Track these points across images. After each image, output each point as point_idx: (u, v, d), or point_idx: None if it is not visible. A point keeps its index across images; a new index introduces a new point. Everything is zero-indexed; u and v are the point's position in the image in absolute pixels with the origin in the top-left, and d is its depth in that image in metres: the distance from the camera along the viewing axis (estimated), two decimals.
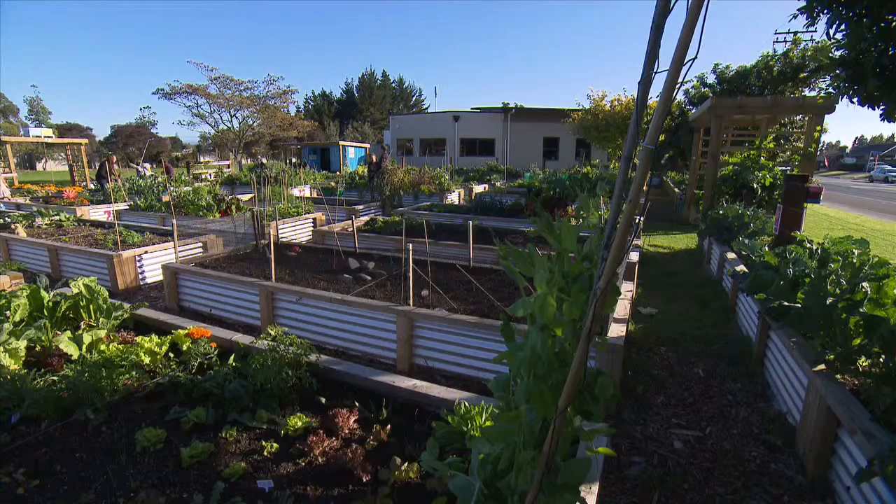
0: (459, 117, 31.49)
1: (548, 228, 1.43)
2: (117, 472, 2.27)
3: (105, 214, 10.61)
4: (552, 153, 31.35)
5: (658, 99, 0.91)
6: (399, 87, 59.11)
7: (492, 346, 3.58)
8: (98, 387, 2.80)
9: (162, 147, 45.05)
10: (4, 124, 46.96)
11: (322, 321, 4.19)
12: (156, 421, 2.66)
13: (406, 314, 3.70)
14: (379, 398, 2.80)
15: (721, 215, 6.71)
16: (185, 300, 5.28)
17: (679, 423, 3.17)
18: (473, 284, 4.43)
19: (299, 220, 9.05)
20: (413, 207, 10.25)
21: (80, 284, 3.87)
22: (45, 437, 2.52)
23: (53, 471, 2.29)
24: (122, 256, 6.09)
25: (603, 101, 19.50)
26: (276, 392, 2.75)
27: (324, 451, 2.35)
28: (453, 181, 14.13)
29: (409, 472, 2.19)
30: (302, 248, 6.31)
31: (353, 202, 11.30)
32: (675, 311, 5.29)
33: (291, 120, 35.28)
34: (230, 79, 30.38)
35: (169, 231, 7.52)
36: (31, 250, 7.12)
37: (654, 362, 4.05)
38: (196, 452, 2.32)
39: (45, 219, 8.54)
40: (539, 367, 1.07)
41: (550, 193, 10.11)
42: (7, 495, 2.13)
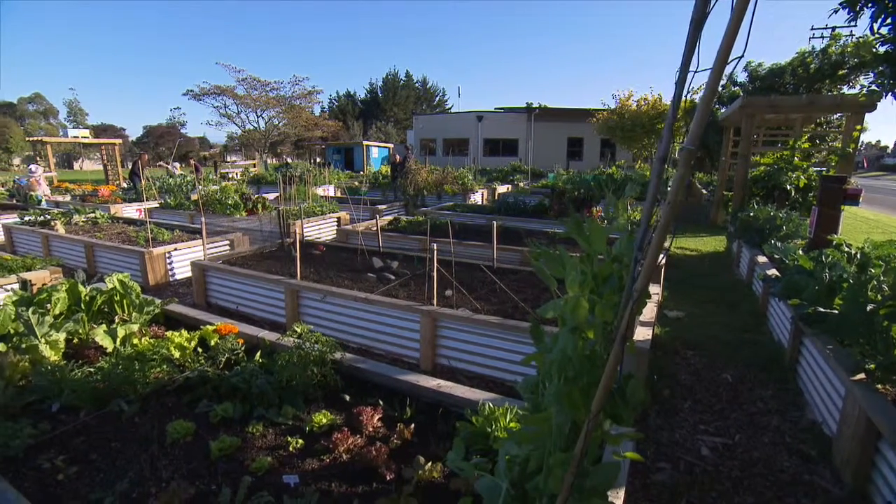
0: (483, 117, 31.43)
1: (577, 229, 1.42)
2: (150, 462, 2.34)
3: (137, 212, 10.91)
4: (576, 153, 31.04)
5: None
6: (422, 87, 59.33)
7: (515, 348, 3.56)
8: (131, 379, 2.89)
9: (190, 147, 46.20)
10: (45, 125, 48.81)
11: (346, 319, 4.23)
12: (185, 414, 2.72)
13: (430, 314, 3.71)
14: (402, 397, 2.81)
15: (752, 217, 6.53)
16: (212, 297, 5.39)
17: (707, 430, 3.09)
18: (497, 285, 4.41)
19: (324, 219, 9.15)
20: (436, 207, 10.27)
21: (114, 280, 3.99)
22: (83, 427, 2.61)
23: (90, 459, 2.37)
24: (152, 253, 6.25)
25: (629, 101, 19.20)
26: (302, 389, 2.79)
27: (348, 448, 2.37)
28: (476, 181, 14.11)
29: (433, 472, 2.19)
30: (326, 246, 6.38)
31: (377, 202, 11.38)
32: (702, 314, 5.17)
33: (316, 120, 35.76)
34: (257, 80, 30.99)
35: (197, 229, 7.69)
36: (69, 246, 7.36)
37: (681, 366, 3.96)
38: (224, 446, 2.37)
39: (82, 216, 8.83)
40: (570, 370, 1.06)
41: (575, 194, 10.00)
42: (49, 480, 2.22)
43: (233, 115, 32.97)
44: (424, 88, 59.52)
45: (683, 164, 0.81)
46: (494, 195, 14.11)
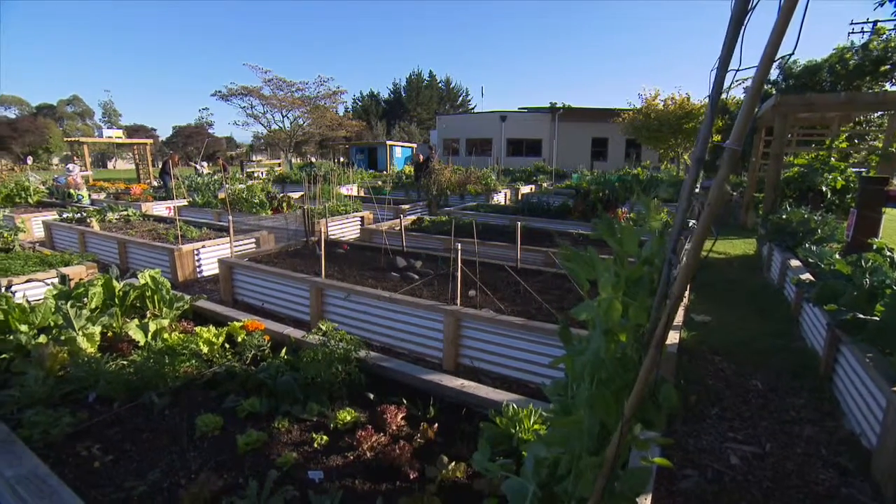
0: (506, 117, 31.30)
1: (609, 231, 1.40)
2: (180, 454, 2.39)
3: (166, 210, 11.20)
4: (601, 154, 30.65)
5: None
6: (446, 87, 59.41)
7: (539, 349, 3.53)
8: (162, 373, 2.96)
9: (218, 146, 47.24)
10: (82, 126, 50.56)
11: (369, 318, 4.26)
12: (213, 408, 2.78)
13: (453, 314, 3.71)
14: (425, 396, 2.81)
15: (784, 220, 6.34)
16: (238, 293, 5.49)
17: (735, 438, 3.01)
18: (521, 286, 4.38)
19: (347, 218, 9.24)
20: (459, 207, 10.27)
21: (146, 276, 4.10)
22: (117, 417, 2.69)
23: (124, 448, 2.44)
24: (181, 250, 6.41)
25: (656, 101, 18.84)
26: (326, 386, 2.82)
27: (372, 446, 2.38)
28: (499, 181, 14.06)
29: (457, 472, 2.19)
30: (350, 245, 6.44)
31: (400, 201, 11.43)
32: (730, 319, 5.05)
33: (340, 120, 36.14)
34: (283, 80, 31.47)
35: (224, 227, 7.85)
36: (103, 242, 7.60)
37: (708, 372, 3.87)
38: (251, 440, 2.41)
39: (115, 214, 9.11)
40: (603, 372, 1.04)
41: (599, 195, 9.87)
42: (86, 467, 2.29)
43: (259, 116, 33.58)
44: (448, 88, 59.58)
45: (726, 165, 0.79)
46: (518, 195, 14.03)
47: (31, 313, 3.51)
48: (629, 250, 1.36)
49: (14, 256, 5.75)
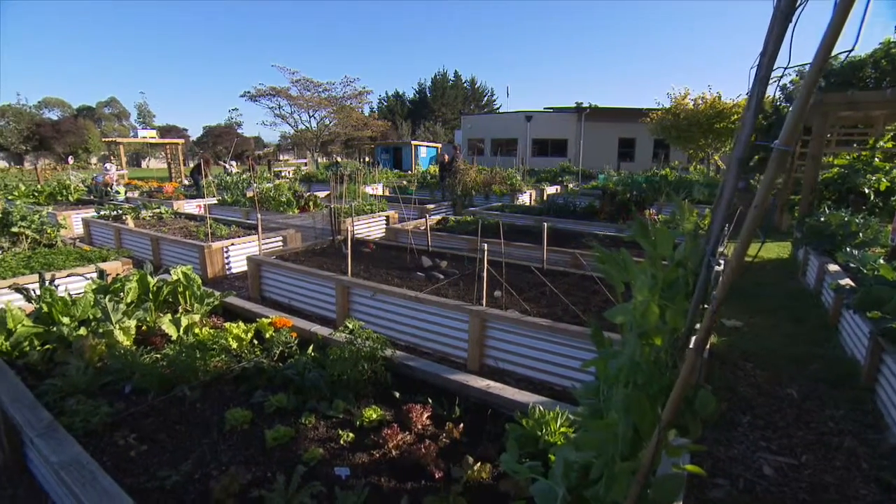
0: (532, 117, 31.07)
1: (643, 232, 1.37)
2: (210, 447, 2.45)
3: (197, 208, 11.48)
4: (628, 154, 30.17)
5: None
6: (471, 87, 59.33)
7: (565, 352, 3.49)
8: (193, 367, 3.03)
9: (246, 146, 48.16)
10: (118, 127, 52.33)
11: (395, 317, 4.28)
12: (242, 402, 2.83)
13: (479, 314, 3.70)
14: (450, 396, 2.81)
15: (822, 223, 6.12)
16: (266, 290, 5.59)
17: (769, 448, 2.92)
18: (547, 287, 4.34)
19: (373, 217, 9.32)
20: (484, 208, 10.24)
21: (178, 272, 4.20)
22: (151, 408, 2.76)
23: (158, 439, 2.50)
24: (211, 247, 6.56)
25: (685, 100, 18.41)
26: (352, 384, 2.84)
27: (397, 444, 2.39)
28: (524, 182, 13.97)
29: (482, 473, 2.18)
30: (376, 244, 6.49)
31: (425, 201, 11.47)
32: (763, 325, 4.90)
33: (366, 120, 36.46)
34: (310, 81, 31.92)
35: (252, 225, 8.01)
36: (138, 239, 7.85)
37: (739, 379, 3.77)
38: (278, 435, 2.45)
39: (149, 211, 9.40)
40: (639, 376, 1.02)
41: (626, 196, 9.70)
42: (123, 456, 2.37)
43: (286, 116, 34.13)
44: (473, 88, 59.49)
45: (773, 167, 0.76)
46: (543, 196, 13.92)
47: (72, 306, 3.64)
48: (663, 252, 1.33)
49: (56, 252, 5.99)
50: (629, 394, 1.00)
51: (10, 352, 3.28)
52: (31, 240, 6.38)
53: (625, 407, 1.01)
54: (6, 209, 6.55)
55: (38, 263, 5.41)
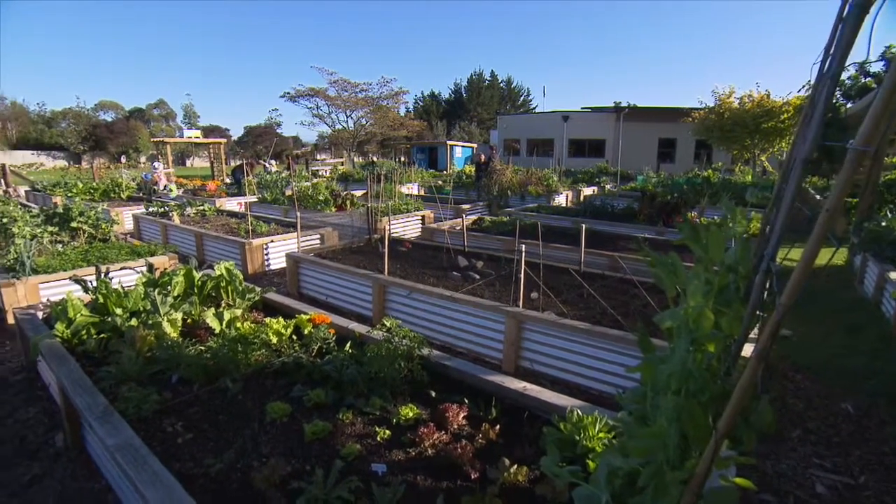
0: (569, 117, 30.63)
1: (693, 236, 1.33)
2: (251, 438, 2.51)
3: (238, 206, 11.84)
4: (668, 155, 29.33)
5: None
6: (507, 87, 59.00)
7: (603, 356, 3.42)
8: (235, 360, 3.13)
9: (285, 145, 49.30)
10: (166, 127, 54.61)
11: (430, 316, 4.30)
12: (281, 396, 2.90)
13: (515, 315, 3.67)
14: (486, 397, 2.80)
15: (883, 227, 5.78)
16: (304, 287, 5.71)
17: (822, 465, 2.78)
18: (584, 290, 4.27)
19: (409, 216, 9.39)
20: (520, 208, 10.16)
21: (221, 267, 4.34)
22: (196, 398, 2.87)
23: (202, 428, 2.59)
24: (252, 244, 6.75)
25: (731, 99, 17.70)
26: (389, 381, 2.86)
27: (433, 443, 2.40)
28: (561, 183, 13.78)
29: (518, 475, 2.16)
30: (412, 243, 6.53)
31: (460, 201, 11.48)
32: (815, 335, 4.66)
33: (402, 120, 36.82)
34: (347, 81, 32.47)
35: (290, 222, 8.20)
36: (182, 235, 8.16)
37: (788, 390, 3.60)
38: (317, 430, 2.49)
39: (193, 208, 9.76)
40: (691, 384, 0.99)
41: (667, 198, 9.43)
42: (172, 443, 2.47)
43: (324, 116, 34.84)
44: (509, 88, 59.13)
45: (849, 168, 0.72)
46: (579, 197, 13.70)
47: (124, 298, 3.82)
48: (715, 257, 1.28)
49: (110, 246, 6.29)
50: (681, 401, 0.97)
51: (70, 339, 3.46)
52: (87, 234, 6.72)
53: (676, 415, 0.97)
54: (66, 205, 6.93)
55: (93, 257, 5.70)
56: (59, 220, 6.68)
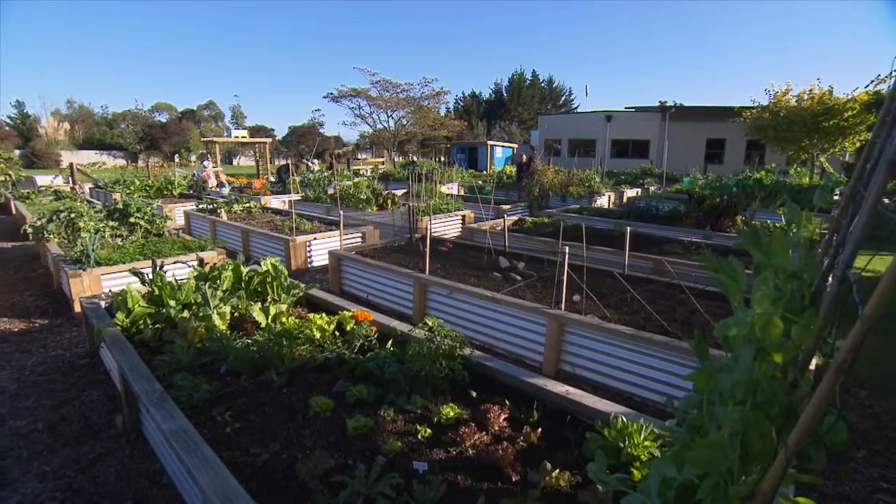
0: (612, 117, 29.95)
1: (755, 240, 1.26)
2: (295, 430, 2.58)
3: (282, 203, 12.18)
4: (716, 156, 28.19)
5: None
6: (548, 86, 58.25)
7: (647, 361, 3.33)
8: (280, 353, 3.21)
9: (327, 145, 50.38)
10: (215, 127, 56.95)
11: (470, 316, 4.29)
12: (324, 391, 2.95)
13: (557, 318, 3.62)
14: (527, 399, 2.77)
15: None
16: (345, 284, 5.82)
17: (891, 489, 2.60)
18: (628, 294, 4.16)
19: (449, 216, 9.41)
20: (561, 210, 10.02)
21: (268, 263, 4.47)
22: (242, 390, 2.96)
23: (249, 418, 2.68)
24: (296, 241, 6.93)
25: (787, 96, 16.80)
26: (430, 380, 2.87)
27: (474, 443, 2.39)
28: (603, 184, 13.49)
29: (560, 480, 2.12)
30: (452, 243, 6.54)
31: (500, 201, 11.42)
32: (883, 349, 4.37)
33: (442, 120, 36.91)
34: (389, 82, 32.82)
35: (333, 220, 8.37)
36: (230, 231, 8.47)
37: (852, 407, 3.39)
38: (359, 425, 2.53)
39: (239, 206, 10.11)
40: (759, 395, 0.94)
41: (716, 201, 9.07)
42: (220, 431, 2.56)
43: (366, 116, 35.33)
44: (550, 87, 58.36)
45: None
46: (622, 199, 13.37)
47: (177, 291, 3.99)
48: (778, 263, 1.22)
49: (164, 241, 6.60)
50: (747, 413, 0.93)
51: (128, 328, 3.66)
52: (143, 229, 7.07)
53: (740, 427, 0.93)
54: (126, 202, 7.31)
55: (149, 251, 5.99)
56: (118, 215, 7.07)
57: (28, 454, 2.98)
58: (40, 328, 4.98)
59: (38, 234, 6.67)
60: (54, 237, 6.53)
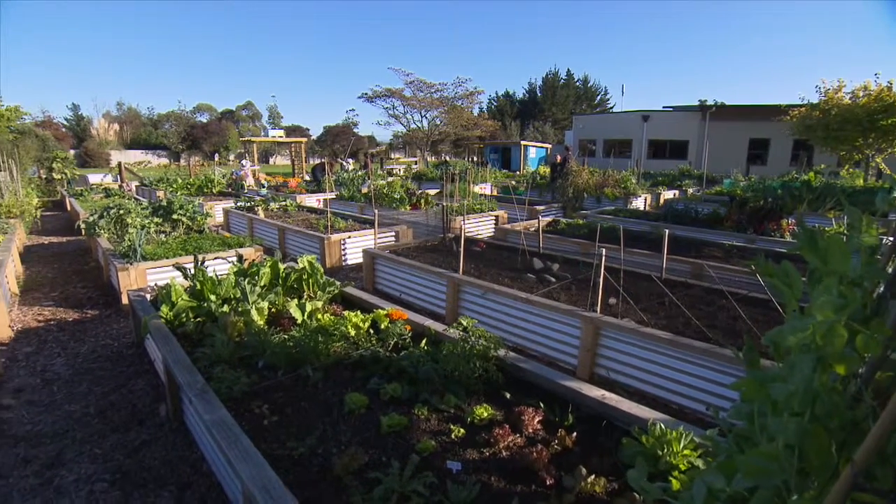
0: (649, 117, 29.26)
1: (811, 245, 1.21)
2: (331, 425, 2.62)
3: (316, 202, 12.41)
4: (759, 157, 27.12)
5: None
6: (583, 85, 57.34)
7: (686, 368, 3.23)
8: (316, 350, 3.27)
9: (360, 144, 51.04)
10: (252, 127, 58.58)
11: (503, 317, 4.27)
12: (359, 387, 2.98)
13: (592, 321, 3.56)
14: (561, 402, 2.73)
15: None
16: (379, 282, 5.88)
17: None
18: (666, 298, 4.05)
19: (483, 216, 9.39)
20: (596, 211, 9.85)
21: (304, 261, 4.56)
22: (279, 384, 3.03)
23: (286, 412, 2.74)
24: (330, 239, 7.04)
25: (840, 93, 15.91)
26: (463, 380, 2.87)
27: (508, 445, 2.38)
28: (639, 185, 13.19)
29: (596, 486, 2.09)
30: (485, 243, 6.52)
31: (534, 202, 11.31)
32: None
33: (476, 120, 36.86)
34: (423, 82, 33.01)
35: (366, 219, 8.47)
36: (266, 228, 8.69)
37: None
38: (393, 423, 2.55)
39: (276, 204, 10.36)
40: (819, 407, 0.90)
41: (759, 203, 8.72)
42: (258, 423, 2.63)
43: (399, 116, 35.64)
44: (585, 87, 57.41)
45: None
46: (659, 201, 13.04)
47: (218, 286, 4.12)
48: (837, 269, 1.16)
49: (204, 237, 6.83)
50: (805, 425, 0.89)
51: (172, 321, 3.79)
52: (185, 226, 7.34)
53: (798, 440, 0.89)
54: (170, 199, 7.61)
55: (191, 246, 6.21)
56: (163, 212, 7.35)
57: (81, 437, 3.14)
58: (92, 318, 5.24)
59: (90, 230, 7.01)
60: (104, 232, 6.84)
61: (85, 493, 2.65)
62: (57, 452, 2.98)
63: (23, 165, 13.26)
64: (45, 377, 3.94)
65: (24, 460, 2.91)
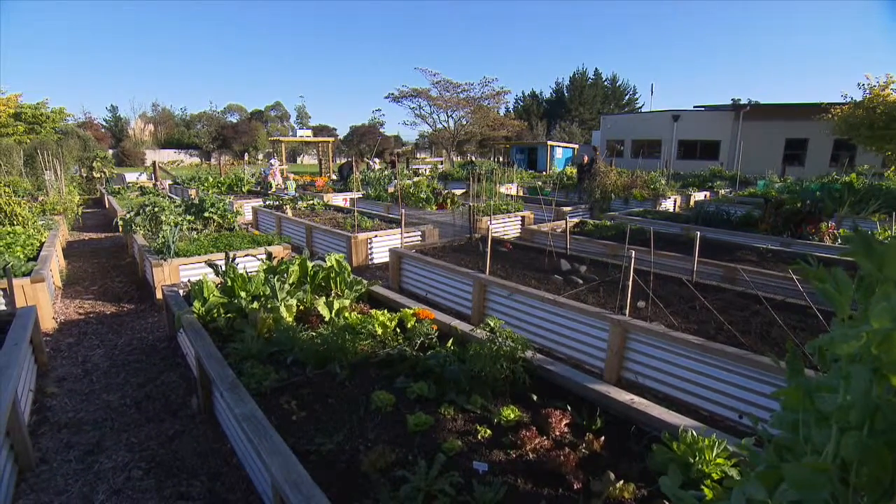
0: (679, 116, 28.60)
1: (865, 248, 1.15)
2: (359, 423, 2.64)
3: (343, 201, 12.54)
4: (796, 158, 26.16)
5: None
6: (611, 85, 56.47)
7: (717, 374, 3.15)
8: (343, 347, 3.30)
9: (386, 144, 51.40)
10: (280, 127, 59.65)
11: (530, 318, 4.23)
12: (385, 386, 3.00)
13: (621, 324, 3.49)
14: (588, 405, 2.69)
15: None
16: (405, 282, 5.90)
17: None
18: (696, 302, 3.95)
19: (509, 217, 9.34)
20: (624, 212, 9.68)
21: (332, 259, 4.60)
22: (307, 380, 3.07)
23: (314, 408, 2.77)
24: (357, 238, 7.11)
25: (886, 91, 15.15)
26: (490, 381, 2.86)
27: (534, 447, 2.35)
28: (669, 186, 12.90)
29: (625, 492, 2.05)
30: (512, 244, 6.48)
31: (560, 203, 11.18)
32: None
33: (502, 120, 36.70)
34: (449, 82, 33.01)
35: (393, 218, 8.52)
36: (294, 227, 8.82)
37: None
38: (420, 422, 2.55)
39: (304, 203, 10.51)
40: (878, 421, 0.86)
41: (796, 205, 8.42)
42: (287, 418, 2.67)
43: (426, 116, 35.73)
44: (613, 86, 56.53)
45: None
46: (689, 202, 12.73)
47: (248, 283, 4.20)
48: (892, 274, 1.11)
49: (235, 235, 6.98)
50: (866, 440, 0.85)
51: (204, 316, 3.89)
52: (216, 224, 7.52)
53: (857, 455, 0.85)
54: (202, 197, 7.80)
55: (222, 244, 6.35)
56: (194, 210, 7.55)
57: (119, 425, 3.25)
58: (128, 312, 5.42)
59: (126, 227, 7.26)
60: (140, 229, 7.07)
61: (122, 479, 2.74)
62: (97, 440, 3.09)
63: (66, 165, 13.80)
64: (86, 367, 4.09)
65: (67, 446, 3.03)
